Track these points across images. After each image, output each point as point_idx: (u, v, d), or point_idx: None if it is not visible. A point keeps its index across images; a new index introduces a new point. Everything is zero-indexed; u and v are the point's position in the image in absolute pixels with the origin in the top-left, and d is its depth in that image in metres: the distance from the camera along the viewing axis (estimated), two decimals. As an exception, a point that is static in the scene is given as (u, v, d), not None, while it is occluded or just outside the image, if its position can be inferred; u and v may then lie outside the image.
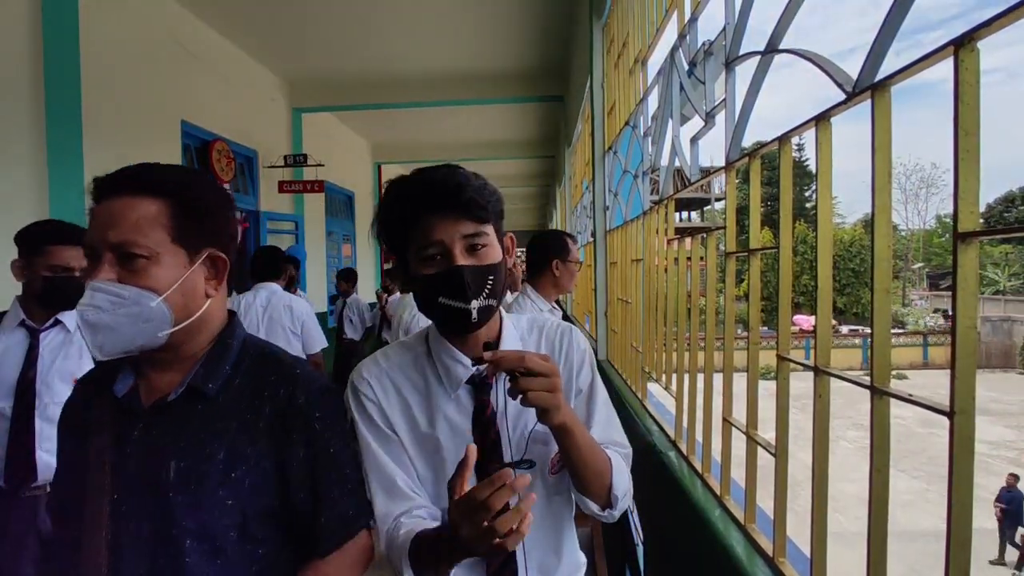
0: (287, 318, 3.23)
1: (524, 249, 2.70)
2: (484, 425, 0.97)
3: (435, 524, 0.93)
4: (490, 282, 0.91)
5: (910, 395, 0.92)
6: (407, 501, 0.95)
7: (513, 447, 0.99)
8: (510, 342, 1.02)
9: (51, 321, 1.87)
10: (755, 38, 1.55)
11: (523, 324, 1.07)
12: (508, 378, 0.85)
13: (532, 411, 0.88)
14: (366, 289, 9.54)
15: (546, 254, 2.48)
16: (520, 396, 0.84)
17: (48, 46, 3.35)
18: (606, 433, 1.03)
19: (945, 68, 0.82)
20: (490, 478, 0.72)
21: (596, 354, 1.54)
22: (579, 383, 1.04)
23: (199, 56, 4.99)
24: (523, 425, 0.98)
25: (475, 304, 0.89)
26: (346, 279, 6.21)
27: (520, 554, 0.99)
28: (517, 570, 0.98)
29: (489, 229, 0.93)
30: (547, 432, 0.92)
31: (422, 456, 0.99)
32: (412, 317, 3.21)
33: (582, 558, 1.10)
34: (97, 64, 3.71)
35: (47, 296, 1.81)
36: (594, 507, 0.98)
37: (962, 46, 0.78)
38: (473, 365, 0.98)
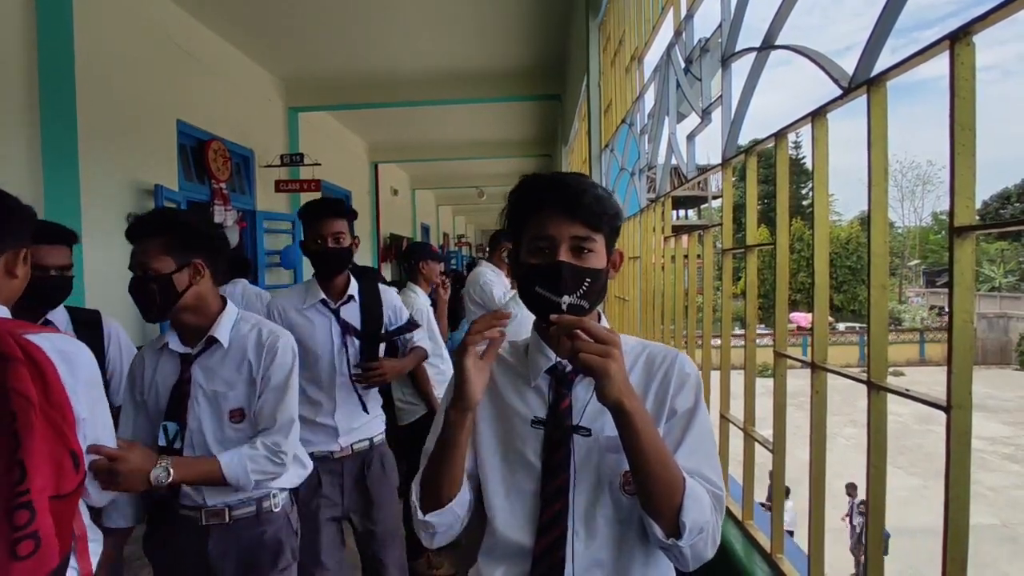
0: (258, 304, 3.64)
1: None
2: (558, 418, 0.99)
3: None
4: (586, 284, 0.95)
5: (907, 390, 0.92)
6: None
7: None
8: None
9: (41, 321, 1.86)
10: (752, 35, 1.55)
11: (630, 341, 1.06)
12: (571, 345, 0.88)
13: (610, 415, 0.88)
14: (363, 288, 9.53)
15: None
16: (575, 358, 0.86)
17: (42, 46, 3.33)
18: (695, 463, 0.95)
19: (942, 65, 0.82)
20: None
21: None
22: (675, 404, 0.99)
23: (195, 56, 4.97)
24: (599, 427, 0.96)
25: (566, 300, 0.93)
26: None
27: (569, 570, 0.95)
28: None
29: (599, 238, 0.97)
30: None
31: (495, 433, 1.03)
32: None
33: None
34: (92, 64, 3.69)
35: (33, 296, 1.79)
36: (658, 531, 0.90)
37: (957, 40, 0.78)
38: (558, 362, 1.01)
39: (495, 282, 3.92)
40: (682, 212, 41.25)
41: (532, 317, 1.02)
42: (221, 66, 5.42)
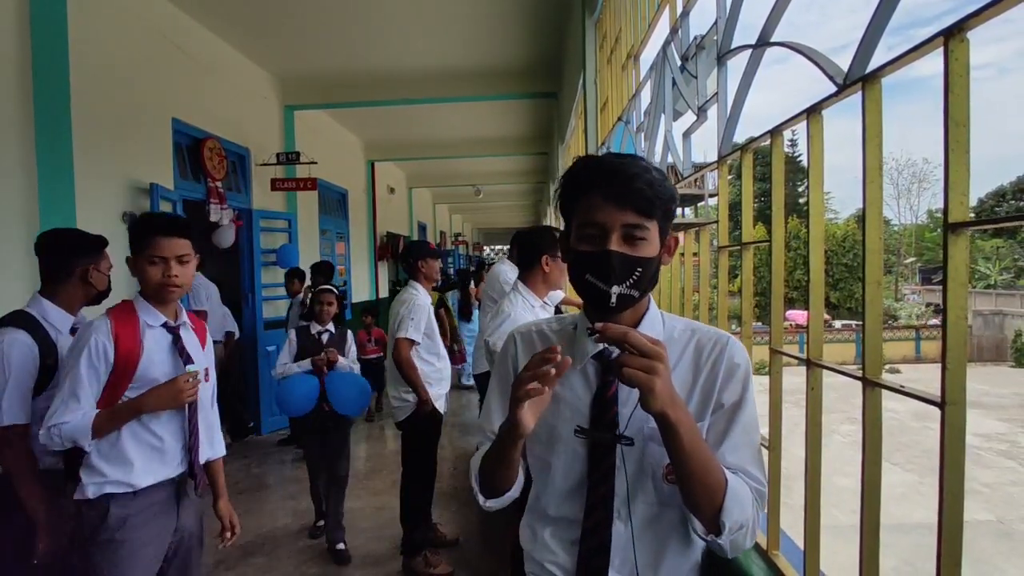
0: (203, 293, 5.13)
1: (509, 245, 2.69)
2: (604, 405, 0.98)
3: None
4: (637, 273, 0.93)
5: (901, 386, 0.92)
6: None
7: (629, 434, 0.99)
8: (648, 333, 0.98)
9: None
10: (748, 33, 1.55)
11: (678, 324, 1.05)
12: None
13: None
14: (361, 289, 9.52)
15: (536, 250, 2.47)
16: (620, 372, 0.85)
17: (36, 44, 3.31)
18: (739, 459, 0.95)
19: (938, 63, 0.82)
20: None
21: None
22: (722, 397, 0.98)
23: (190, 54, 4.95)
24: (645, 417, 0.93)
25: (616, 289, 0.91)
26: (299, 278, 5.83)
27: (615, 555, 0.98)
28: (608, 568, 0.98)
29: (652, 224, 0.94)
30: None
31: (541, 416, 1.01)
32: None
33: None
34: (86, 62, 3.67)
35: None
36: (698, 526, 0.93)
37: (952, 36, 0.78)
38: (606, 348, 0.99)
39: (512, 280, 3.95)
40: (679, 210, 41.18)
41: (524, 318, 1.03)
42: (216, 64, 5.40)
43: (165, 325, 1.83)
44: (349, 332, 3.68)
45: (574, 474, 1.02)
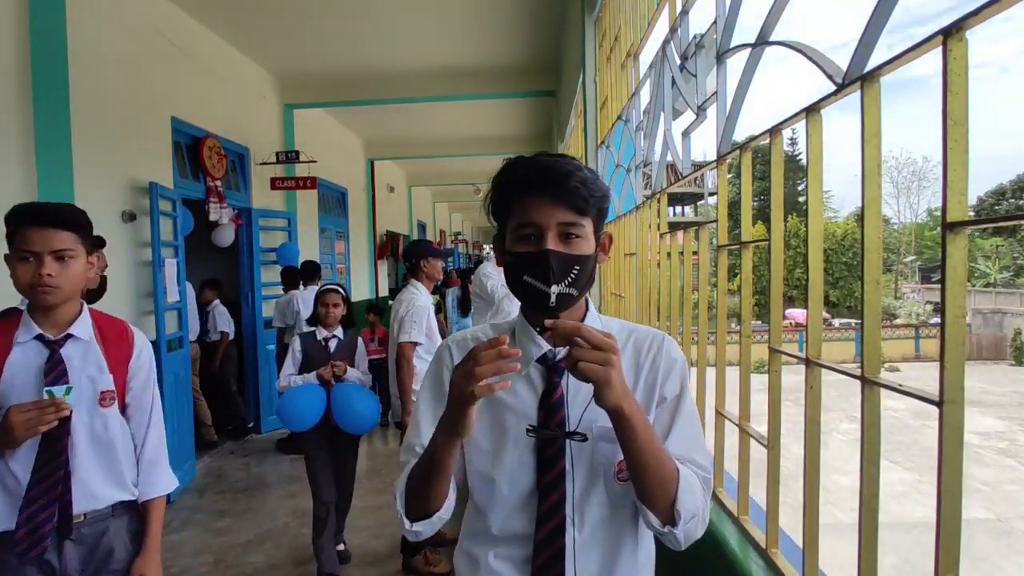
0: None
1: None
2: (551, 408, 0.97)
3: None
4: (575, 271, 0.93)
5: (900, 385, 0.92)
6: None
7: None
8: None
9: None
10: (747, 32, 1.55)
11: (614, 325, 1.05)
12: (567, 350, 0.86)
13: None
14: (360, 288, 9.51)
15: None
16: (574, 367, 0.84)
17: (35, 44, 3.30)
18: (686, 450, 0.97)
19: (937, 62, 0.82)
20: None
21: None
22: (664, 391, 1.00)
23: (189, 52, 4.94)
24: (593, 418, 0.94)
25: (555, 289, 0.91)
26: (212, 287, 5.97)
27: (571, 563, 0.96)
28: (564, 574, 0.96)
29: (587, 222, 0.94)
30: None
31: (484, 424, 1.00)
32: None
33: None
34: (85, 61, 3.66)
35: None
36: (654, 520, 0.93)
37: (950, 36, 0.78)
38: (549, 350, 0.99)
39: (491, 275, 4.25)
40: (678, 209, 41.31)
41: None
42: (215, 63, 5.39)
43: (41, 338, 1.50)
44: (360, 338, 3.29)
45: (522, 484, 0.98)
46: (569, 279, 0.92)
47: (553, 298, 0.91)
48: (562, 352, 0.98)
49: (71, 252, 1.46)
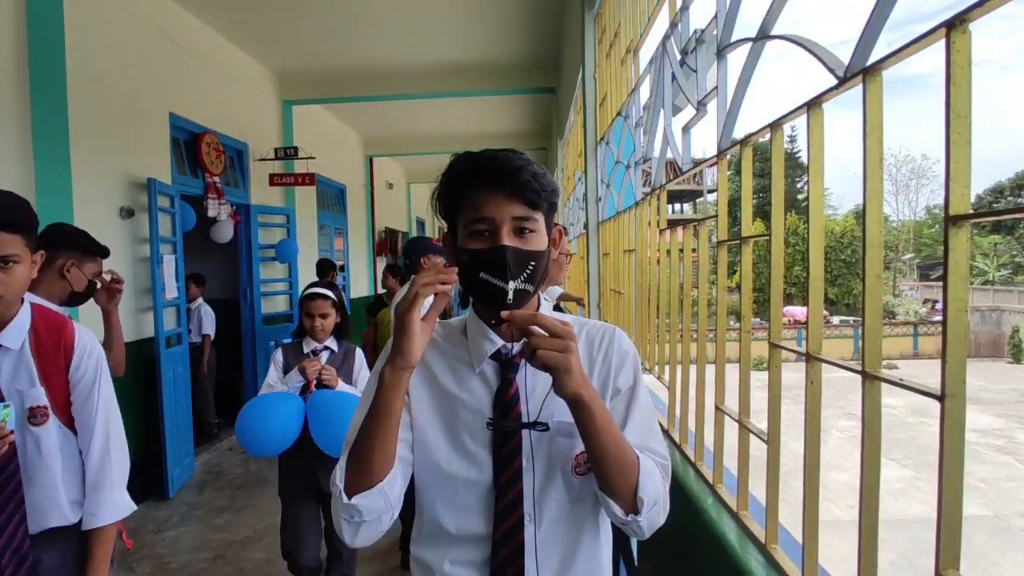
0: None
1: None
2: (506, 405, 0.96)
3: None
4: (530, 267, 0.92)
5: (901, 379, 0.92)
6: None
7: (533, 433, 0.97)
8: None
9: None
10: (748, 27, 1.54)
11: (567, 319, 1.03)
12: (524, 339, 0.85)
13: (562, 400, 0.86)
14: (360, 286, 9.50)
15: None
16: (532, 356, 0.83)
17: (33, 40, 3.28)
18: (643, 439, 0.97)
19: (938, 60, 0.82)
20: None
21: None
22: (617, 383, 1.00)
23: (187, 48, 4.93)
24: (550, 413, 0.94)
25: (512, 285, 0.90)
26: (197, 282, 5.60)
27: (531, 560, 0.95)
28: (524, 572, 0.95)
29: (539, 216, 0.94)
30: (573, 425, 0.89)
31: (438, 422, 0.99)
32: None
33: None
34: (83, 57, 3.65)
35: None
36: (617, 510, 0.91)
37: (954, 28, 0.77)
38: (503, 346, 0.98)
39: None
40: (677, 206, 41.30)
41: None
42: (214, 59, 5.37)
43: None
44: (359, 351, 2.62)
45: (479, 482, 0.96)
46: (525, 275, 0.91)
47: (510, 295, 0.89)
48: (516, 347, 0.98)
49: (15, 257, 1.31)
